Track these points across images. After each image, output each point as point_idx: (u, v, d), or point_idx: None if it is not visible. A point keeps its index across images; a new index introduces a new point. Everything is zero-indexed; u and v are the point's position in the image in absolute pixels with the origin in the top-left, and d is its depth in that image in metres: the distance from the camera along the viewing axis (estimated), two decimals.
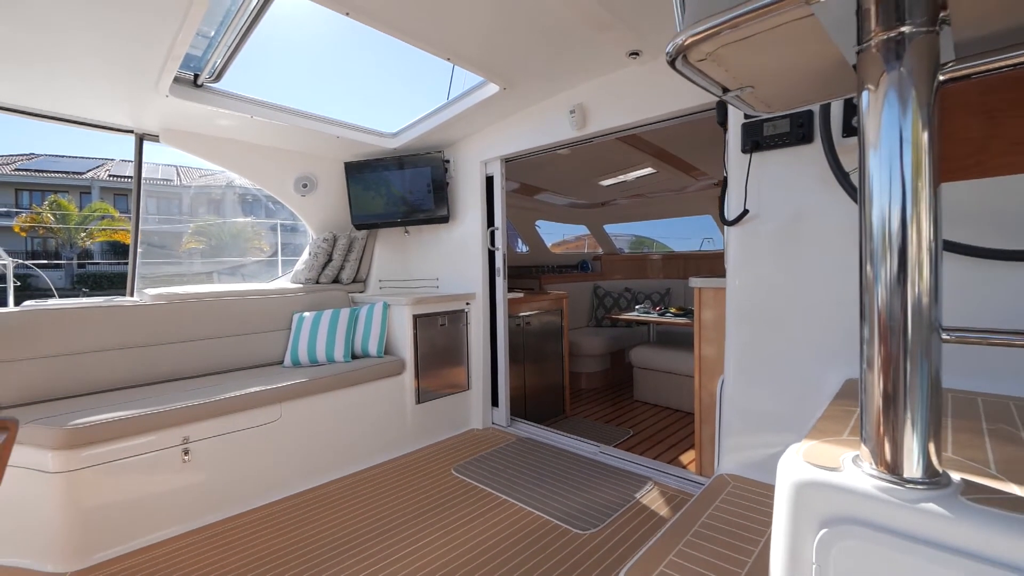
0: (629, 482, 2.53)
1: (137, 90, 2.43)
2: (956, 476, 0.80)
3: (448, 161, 3.52)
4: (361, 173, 3.55)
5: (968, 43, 0.83)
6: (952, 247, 1.40)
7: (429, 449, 3.06)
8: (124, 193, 29.25)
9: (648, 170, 4.40)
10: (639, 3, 1.90)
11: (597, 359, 4.79)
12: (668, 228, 6.72)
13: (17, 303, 2.68)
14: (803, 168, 1.68)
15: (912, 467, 0.77)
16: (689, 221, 6.12)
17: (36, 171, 27.66)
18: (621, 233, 7.06)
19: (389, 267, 3.96)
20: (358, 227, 3.67)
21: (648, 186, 5.14)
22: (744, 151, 1.80)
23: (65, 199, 26.14)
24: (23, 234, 24.36)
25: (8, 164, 27.52)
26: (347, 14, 1.95)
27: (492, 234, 3.43)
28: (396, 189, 3.56)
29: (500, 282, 3.44)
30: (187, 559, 1.94)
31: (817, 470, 0.85)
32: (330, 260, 3.54)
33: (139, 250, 3.22)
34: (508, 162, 3.38)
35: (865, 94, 0.79)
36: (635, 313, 4.68)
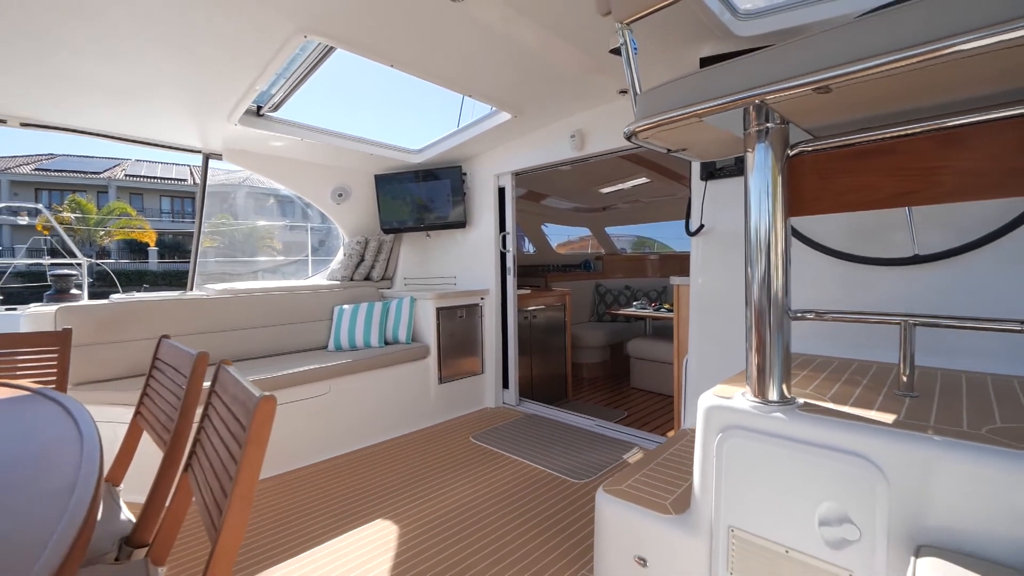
0: (619, 447, 3.02)
1: (211, 120, 2.94)
2: (800, 400, 1.29)
3: (465, 174, 4.01)
4: (389, 184, 4.06)
5: (810, 130, 1.32)
6: (834, 253, 1.90)
7: (450, 422, 3.57)
8: (139, 192, 29.97)
9: (642, 179, 4.87)
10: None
11: (598, 351, 5.25)
12: (669, 229, 7.15)
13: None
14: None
15: (772, 395, 1.27)
16: None
17: (55, 171, 28.38)
18: (624, 234, 7.52)
19: (413, 266, 4.47)
20: (386, 231, 4.18)
21: (644, 193, 5.61)
22: (702, 179, 2.28)
23: (83, 198, 26.82)
24: (46, 232, 25.16)
25: (29, 164, 28.30)
26: (392, 65, 2.45)
27: (503, 238, 3.93)
28: (419, 198, 4.06)
29: (510, 280, 3.94)
30: (266, 498, 2.46)
31: (719, 399, 1.34)
32: (362, 260, 4.05)
33: (199, 251, 3.73)
34: (517, 175, 3.87)
35: (748, 157, 1.27)
36: (632, 308, 5.16)
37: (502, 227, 3.94)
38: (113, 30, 2.00)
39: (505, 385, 4.03)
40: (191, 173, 31.40)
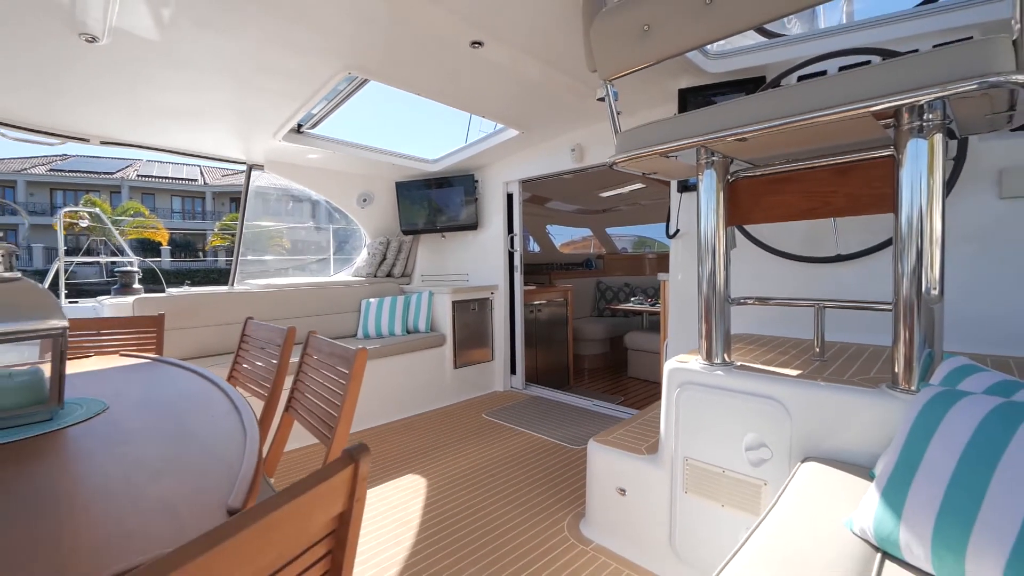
0: (613, 422, 3.45)
1: (258, 137, 3.39)
2: (738, 363, 1.71)
3: (477, 181, 4.45)
4: (408, 190, 4.50)
5: (747, 161, 1.75)
6: (776, 252, 2.32)
7: (464, 403, 4.02)
8: (151, 192, 30.59)
9: (638, 185, 5.30)
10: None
11: (598, 343, 5.66)
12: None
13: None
14: None
15: (717, 359, 1.70)
16: None
17: (69, 171, 29.02)
18: (625, 234, 7.94)
19: (429, 264, 4.92)
20: (405, 232, 4.63)
21: (643, 196, 6.03)
22: (678, 191, 2.72)
23: (97, 198, 27.43)
24: (64, 231, 25.83)
25: (43, 164, 28.96)
26: (419, 94, 2.89)
27: (511, 239, 4.37)
28: (435, 203, 4.51)
29: (517, 277, 4.38)
30: (315, 459, 2.91)
31: (679, 363, 1.77)
32: (384, 259, 4.50)
33: (240, 250, 4.18)
34: (524, 183, 4.30)
35: (699, 181, 1.70)
36: (630, 304, 5.59)
37: (510, 229, 4.38)
38: (192, 70, 2.45)
39: (513, 371, 4.47)
40: (201, 173, 32.03)
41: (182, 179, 31.44)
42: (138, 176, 30.25)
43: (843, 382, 1.46)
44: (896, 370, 1.36)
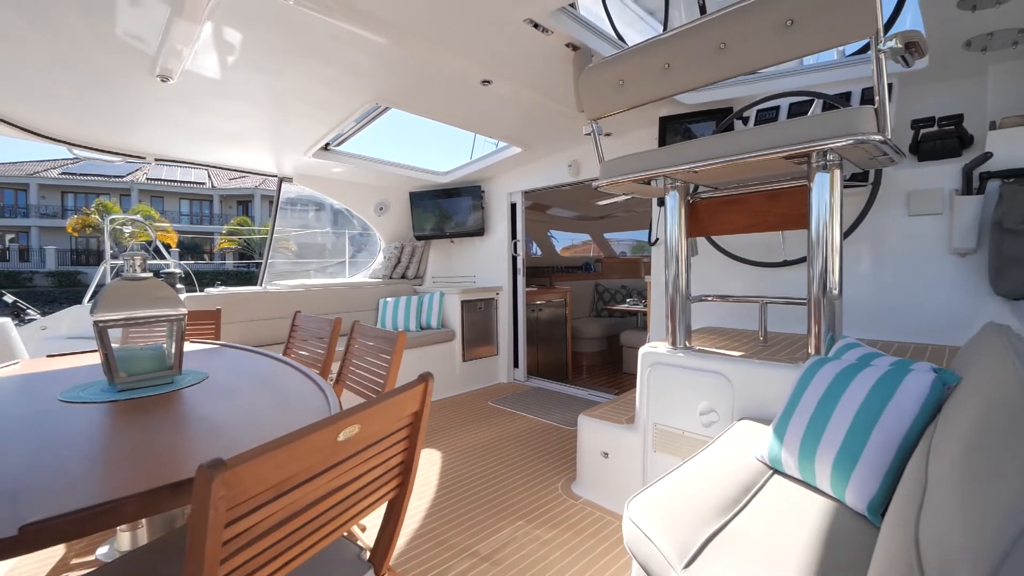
0: None
1: (290, 154, 3.83)
2: (697, 348, 2.13)
3: (483, 192, 4.88)
4: (421, 199, 4.94)
5: (705, 185, 2.17)
6: (739, 259, 2.74)
7: (472, 392, 4.45)
8: (160, 195, 31.19)
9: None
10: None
11: (596, 341, 6.05)
12: None
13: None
14: None
15: (679, 344, 2.12)
16: None
17: (80, 175, 29.65)
18: (623, 239, 8.36)
19: (440, 267, 5.36)
20: (418, 238, 5.06)
21: (635, 204, 6.43)
22: (658, 204, 3.14)
23: (108, 201, 28.01)
24: (76, 234, 26.52)
25: (55, 168, 29.59)
26: (436, 119, 3.32)
27: (515, 244, 4.79)
28: (445, 211, 4.94)
29: (520, 279, 4.80)
30: None
31: (650, 348, 2.19)
32: (399, 262, 4.93)
33: (269, 254, 4.61)
34: (526, 193, 4.73)
35: (667, 200, 2.12)
36: (626, 305, 6.00)
37: (513, 235, 4.81)
38: (242, 101, 2.88)
39: (516, 365, 4.89)
40: (208, 177, 32.63)
41: (190, 182, 32.01)
42: (147, 179, 30.82)
43: (773, 360, 1.87)
44: (810, 351, 1.78)
